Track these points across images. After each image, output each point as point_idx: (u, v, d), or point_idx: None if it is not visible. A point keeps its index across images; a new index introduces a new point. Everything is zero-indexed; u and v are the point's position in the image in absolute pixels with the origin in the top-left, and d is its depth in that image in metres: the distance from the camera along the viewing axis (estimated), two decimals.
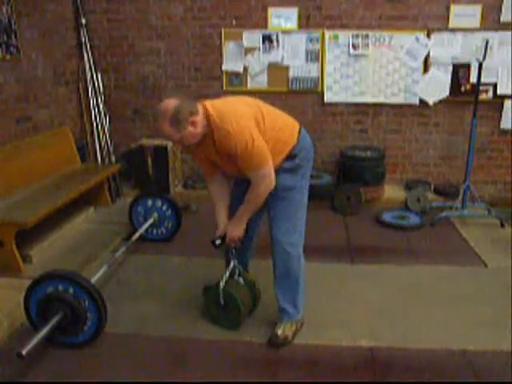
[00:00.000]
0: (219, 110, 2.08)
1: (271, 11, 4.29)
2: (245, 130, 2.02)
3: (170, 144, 4.42)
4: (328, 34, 4.31)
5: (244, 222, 2.29)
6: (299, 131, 2.30)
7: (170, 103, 2.02)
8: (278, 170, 2.21)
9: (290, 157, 2.25)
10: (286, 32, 4.33)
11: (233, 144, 2.02)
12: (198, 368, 2.22)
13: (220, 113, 2.06)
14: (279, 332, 2.36)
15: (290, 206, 2.29)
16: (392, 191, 4.54)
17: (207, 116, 2.07)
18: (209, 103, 2.13)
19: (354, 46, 4.31)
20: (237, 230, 2.30)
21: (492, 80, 4.21)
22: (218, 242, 2.36)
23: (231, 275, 2.45)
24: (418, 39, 4.23)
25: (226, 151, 2.08)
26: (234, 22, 4.35)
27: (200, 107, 2.08)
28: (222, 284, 2.40)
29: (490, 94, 4.28)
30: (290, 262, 2.33)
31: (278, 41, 4.34)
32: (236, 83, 4.51)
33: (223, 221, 2.36)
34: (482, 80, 3.87)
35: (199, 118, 2.05)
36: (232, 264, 2.45)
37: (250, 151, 2.03)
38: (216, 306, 2.46)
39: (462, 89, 4.32)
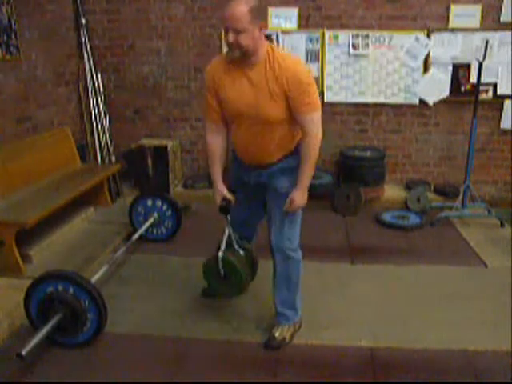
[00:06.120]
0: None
1: (271, 11, 4.29)
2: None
3: (170, 144, 4.43)
4: (328, 33, 4.30)
5: (307, 186, 2.18)
6: None
7: None
8: (285, 170, 2.19)
9: (296, 154, 2.18)
10: (286, 32, 4.32)
11: (299, 70, 1.98)
12: (197, 368, 2.22)
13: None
14: (277, 334, 2.36)
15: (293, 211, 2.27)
16: (392, 191, 4.53)
17: (270, 48, 2.02)
18: None
19: (353, 46, 4.30)
20: (303, 199, 2.18)
21: (492, 80, 4.21)
22: (223, 203, 2.29)
23: (227, 244, 2.37)
24: (417, 39, 4.23)
25: (284, 82, 1.97)
26: None
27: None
28: (220, 253, 2.31)
29: (490, 94, 4.27)
30: (292, 267, 2.33)
31: (278, 41, 4.34)
32: None
33: (220, 179, 2.30)
34: (482, 80, 3.88)
35: (263, 36, 2.00)
36: (227, 232, 2.37)
37: (311, 85, 2.01)
38: (217, 277, 2.37)
39: (462, 89, 4.31)
